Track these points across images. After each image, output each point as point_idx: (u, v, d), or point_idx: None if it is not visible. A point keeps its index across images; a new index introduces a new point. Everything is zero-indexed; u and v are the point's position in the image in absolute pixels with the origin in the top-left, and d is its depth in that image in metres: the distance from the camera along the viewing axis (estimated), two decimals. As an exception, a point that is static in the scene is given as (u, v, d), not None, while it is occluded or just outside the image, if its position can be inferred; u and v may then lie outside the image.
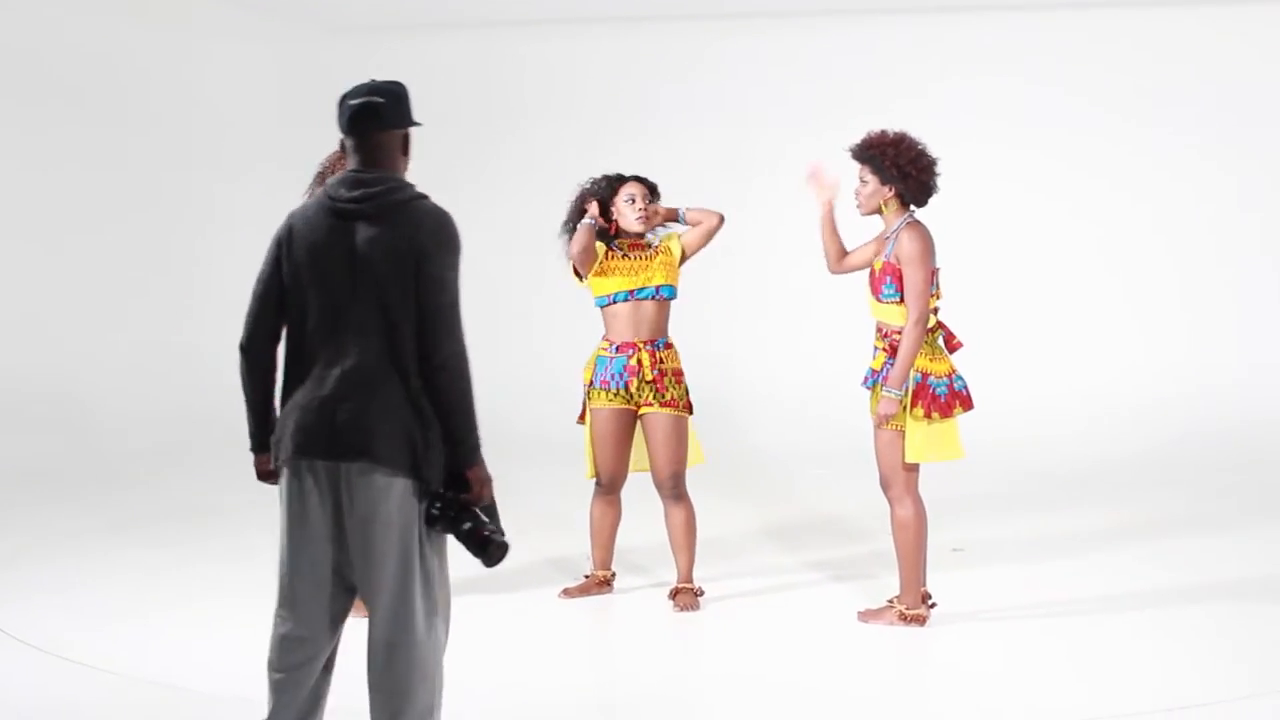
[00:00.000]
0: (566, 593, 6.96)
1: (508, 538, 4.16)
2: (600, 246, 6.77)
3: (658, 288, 6.74)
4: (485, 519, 4.14)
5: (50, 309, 11.06)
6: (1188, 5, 11.24)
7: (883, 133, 6.35)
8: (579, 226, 6.71)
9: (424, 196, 4.17)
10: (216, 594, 6.99)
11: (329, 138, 6.51)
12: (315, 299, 4.11)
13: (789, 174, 11.18)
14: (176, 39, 11.89)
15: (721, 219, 6.84)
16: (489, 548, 4.10)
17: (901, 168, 6.26)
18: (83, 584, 7.27)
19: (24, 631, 6.34)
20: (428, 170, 4.36)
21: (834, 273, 6.63)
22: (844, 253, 6.58)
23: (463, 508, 4.13)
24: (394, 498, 4.05)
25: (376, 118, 4.16)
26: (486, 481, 4.17)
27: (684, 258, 6.84)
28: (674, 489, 6.75)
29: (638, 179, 6.86)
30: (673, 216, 6.86)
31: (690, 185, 11.06)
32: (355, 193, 4.11)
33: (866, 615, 6.54)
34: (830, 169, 6.49)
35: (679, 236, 6.84)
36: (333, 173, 6.49)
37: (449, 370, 4.07)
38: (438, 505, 4.11)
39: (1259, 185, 11.39)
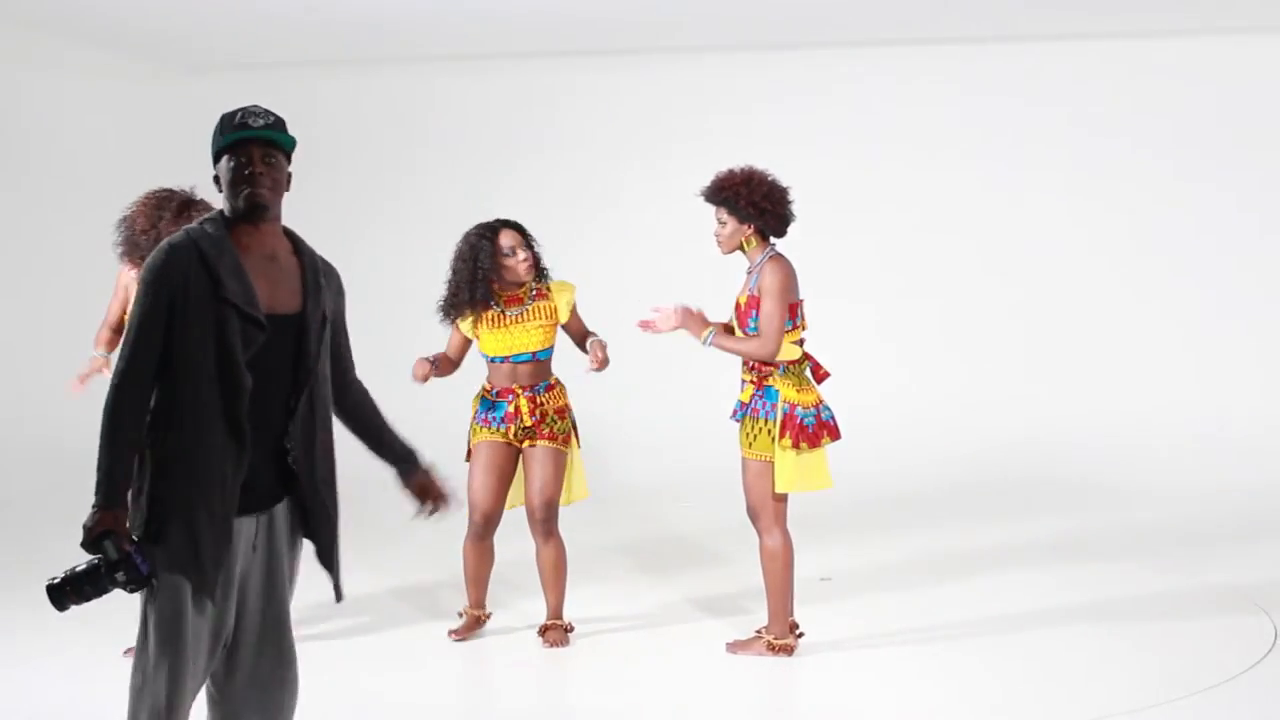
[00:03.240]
0: (455, 633, 6.90)
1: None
2: (468, 320, 6.76)
3: (534, 353, 6.76)
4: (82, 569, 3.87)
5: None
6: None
7: (731, 172, 6.42)
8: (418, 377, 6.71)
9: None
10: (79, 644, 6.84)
11: (186, 175, 6.49)
12: None
13: (674, 208, 11.41)
14: (25, 77, 11.68)
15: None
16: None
17: (756, 204, 6.33)
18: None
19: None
20: (299, 205, 4.27)
21: (773, 358, 6.37)
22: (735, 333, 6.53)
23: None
24: None
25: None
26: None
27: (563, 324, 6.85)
28: (545, 521, 6.72)
29: (510, 225, 6.80)
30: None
31: (574, 221, 11.25)
32: None
33: (735, 646, 6.59)
34: (660, 314, 6.53)
35: (571, 307, 6.81)
36: (129, 220, 6.42)
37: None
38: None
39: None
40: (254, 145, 3.95)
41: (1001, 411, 11.30)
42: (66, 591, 3.83)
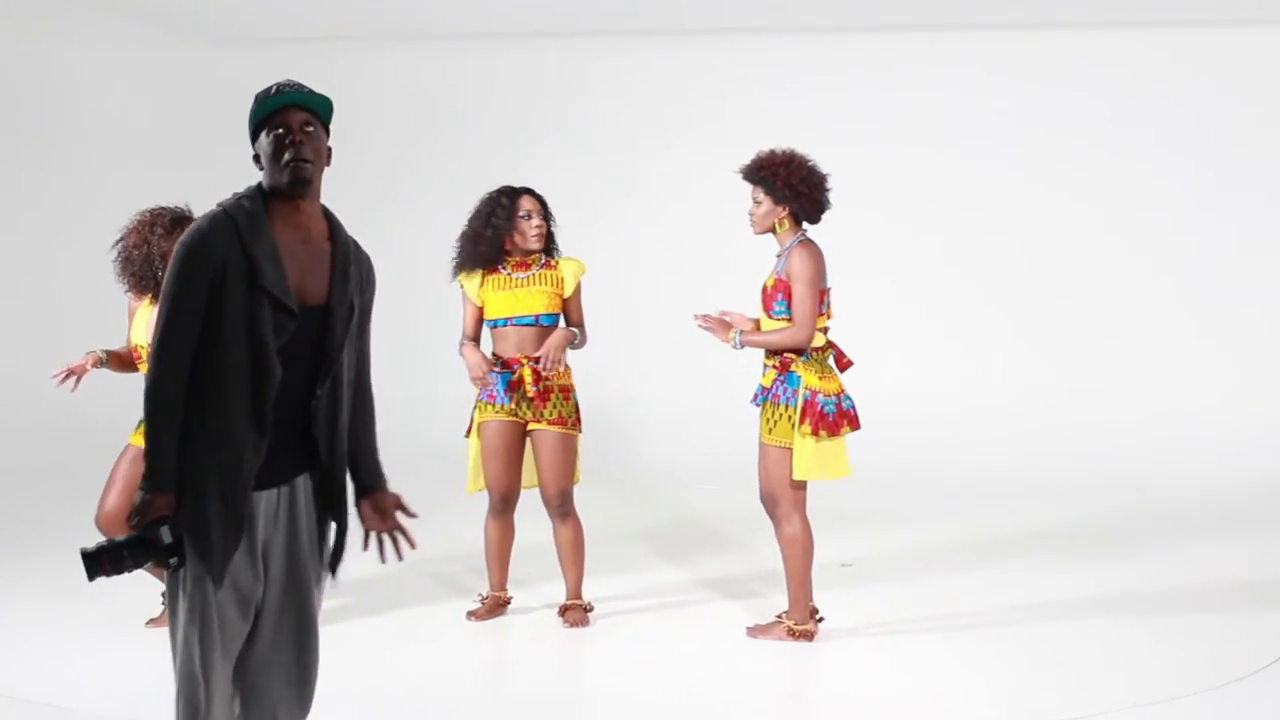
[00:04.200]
0: (473, 615, 6.92)
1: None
2: (471, 277, 6.77)
3: (537, 316, 6.74)
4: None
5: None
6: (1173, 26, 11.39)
7: (772, 152, 6.40)
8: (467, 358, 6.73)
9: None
10: (99, 615, 6.87)
11: (213, 147, 6.51)
12: None
13: (693, 190, 11.45)
14: (56, 48, 11.68)
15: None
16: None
17: (794, 186, 6.31)
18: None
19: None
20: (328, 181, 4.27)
21: (807, 345, 6.36)
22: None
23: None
24: None
25: None
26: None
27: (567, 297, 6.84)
28: (561, 506, 6.74)
29: (533, 193, 6.83)
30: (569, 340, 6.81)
31: (593, 200, 11.25)
32: None
33: (755, 630, 6.59)
34: (713, 317, 6.50)
35: (577, 283, 6.81)
36: (121, 239, 6.40)
37: None
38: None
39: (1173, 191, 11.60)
40: (292, 114, 3.93)
41: (1023, 401, 11.28)
42: (103, 561, 3.81)
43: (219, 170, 6.73)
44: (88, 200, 11.79)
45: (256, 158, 3.99)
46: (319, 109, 3.98)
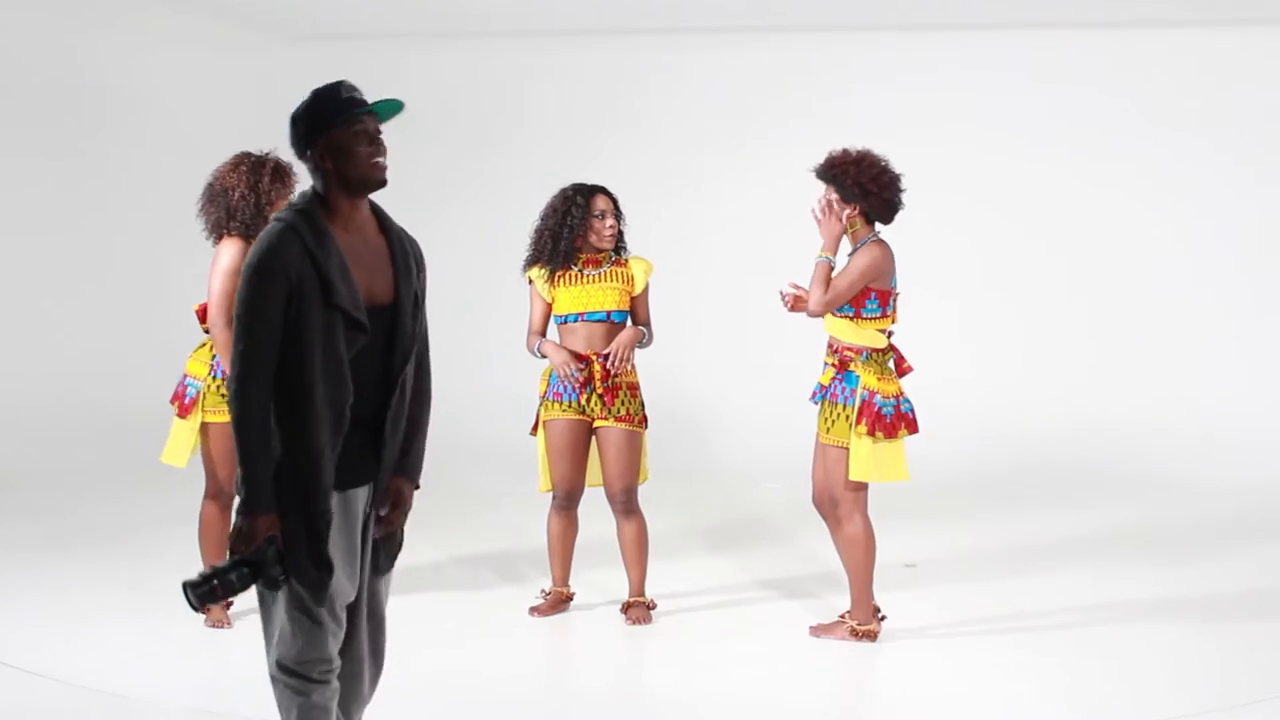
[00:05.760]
0: (536, 611, 6.94)
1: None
2: (543, 273, 6.79)
3: (609, 313, 6.76)
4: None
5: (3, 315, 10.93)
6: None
7: (845, 151, 6.40)
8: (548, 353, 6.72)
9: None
10: (166, 604, 6.93)
11: (277, 144, 6.53)
12: None
13: (757, 189, 11.42)
14: (133, 45, 11.78)
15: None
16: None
17: (864, 185, 6.31)
18: (31, 593, 7.20)
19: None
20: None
21: (814, 315, 6.42)
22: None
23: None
24: None
25: None
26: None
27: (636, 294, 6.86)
28: (626, 503, 6.76)
29: (605, 192, 6.85)
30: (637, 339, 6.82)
31: (659, 198, 11.23)
32: None
33: (818, 630, 6.57)
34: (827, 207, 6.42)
35: (646, 281, 6.83)
36: (223, 190, 6.41)
37: None
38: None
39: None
40: (369, 117, 3.97)
41: (1083, 402, 11.18)
42: (214, 589, 3.82)
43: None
44: (150, 199, 11.86)
45: (306, 154, 3.98)
46: (385, 119, 4.02)
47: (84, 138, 11.60)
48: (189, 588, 3.83)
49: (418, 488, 4.21)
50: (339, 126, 3.93)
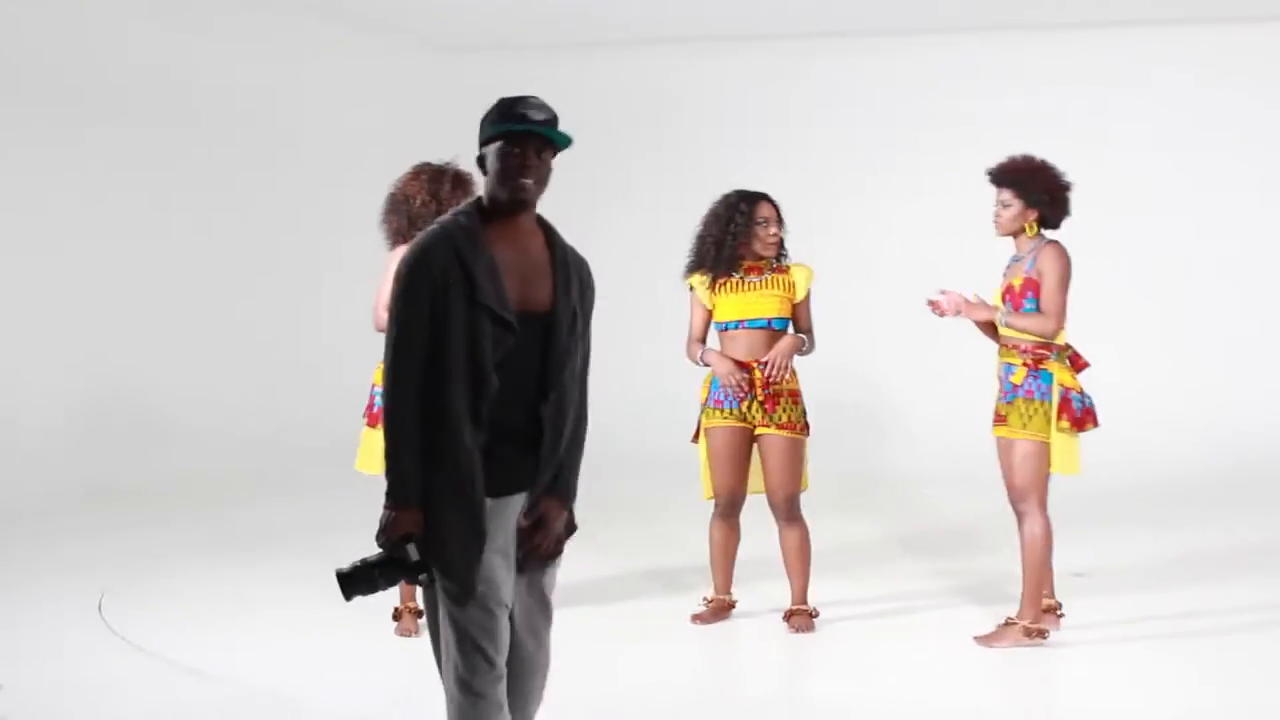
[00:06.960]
0: (698, 619, 6.89)
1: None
2: (704, 280, 6.76)
3: (769, 320, 6.72)
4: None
5: (151, 324, 11.00)
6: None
7: (1027, 157, 6.49)
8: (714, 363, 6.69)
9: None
10: (327, 608, 6.99)
11: (432, 154, 6.60)
12: None
13: (929, 189, 11.31)
14: (278, 54, 11.93)
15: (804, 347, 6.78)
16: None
17: (1050, 191, 6.41)
18: (193, 597, 7.34)
19: (142, 639, 6.48)
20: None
21: (1055, 335, 6.42)
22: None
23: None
24: None
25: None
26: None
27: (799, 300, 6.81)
28: (788, 511, 6.71)
29: (768, 199, 6.80)
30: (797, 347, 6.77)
31: (825, 201, 11.17)
32: None
33: (984, 640, 6.45)
34: (946, 297, 6.43)
35: (808, 288, 6.78)
36: (404, 199, 6.48)
37: None
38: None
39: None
40: (530, 139, 3.94)
41: (1260, 406, 10.91)
42: (357, 581, 3.84)
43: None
44: (303, 211, 12.04)
45: (480, 160, 4.02)
46: (559, 144, 3.98)
47: (236, 152, 11.76)
48: (339, 576, 3.86)
49: (570, 511, 4.12)
50: (499, 138, 3.95)
